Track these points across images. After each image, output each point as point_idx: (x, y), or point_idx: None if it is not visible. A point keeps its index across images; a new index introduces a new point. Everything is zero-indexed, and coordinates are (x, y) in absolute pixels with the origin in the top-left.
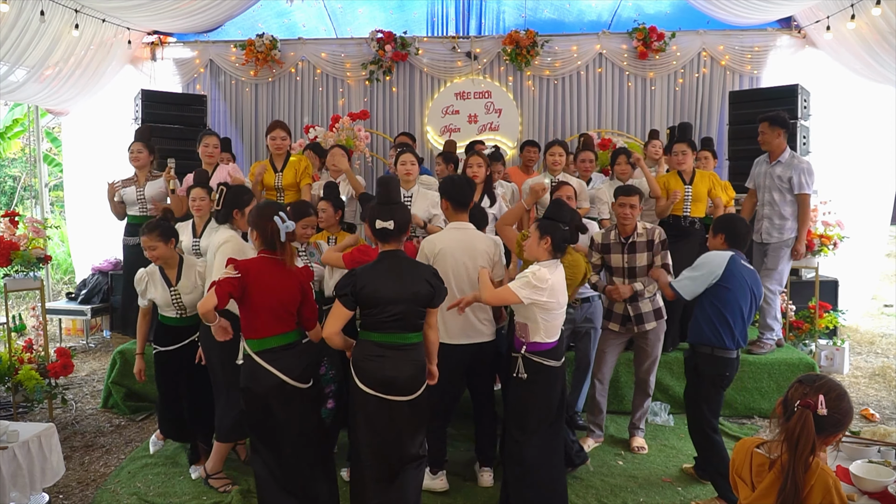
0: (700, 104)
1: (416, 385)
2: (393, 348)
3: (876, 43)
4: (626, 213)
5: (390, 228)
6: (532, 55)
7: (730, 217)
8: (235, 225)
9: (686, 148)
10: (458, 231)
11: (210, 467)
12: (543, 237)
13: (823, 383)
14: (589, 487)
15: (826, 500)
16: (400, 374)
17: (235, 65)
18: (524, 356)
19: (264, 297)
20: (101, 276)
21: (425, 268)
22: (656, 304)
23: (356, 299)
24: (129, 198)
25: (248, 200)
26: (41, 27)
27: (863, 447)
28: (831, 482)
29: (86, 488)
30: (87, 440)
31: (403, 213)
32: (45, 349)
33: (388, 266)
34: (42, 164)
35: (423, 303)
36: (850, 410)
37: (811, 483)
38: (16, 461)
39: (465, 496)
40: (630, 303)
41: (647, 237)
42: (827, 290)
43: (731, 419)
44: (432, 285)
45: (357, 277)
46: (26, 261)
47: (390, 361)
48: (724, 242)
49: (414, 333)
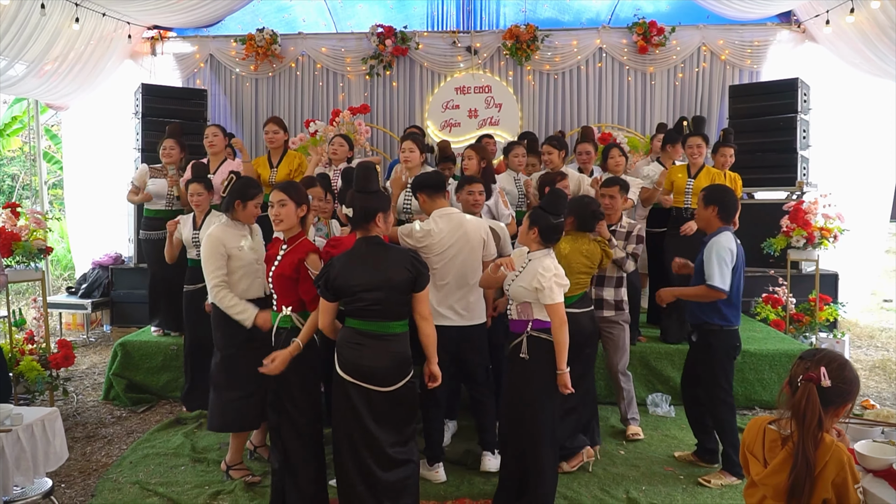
0: (700, 98)
1: (395, 377)
2: (372, 337)
3: (875, 37)
4: (607, 204)
5: (349, 216)
6: (532, 50)
7: (723, 188)
8: (235, 216)
9: (700, 141)
10: (445, 218)
11: (229, 459)
12: (532, 227)
13: (823, 356)
14: (591, 476)
15: (840, 476)
16: (376, 364)
17: (236, 59)
18: (529, 335)
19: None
20: (102, 270)
21: (403, 253)
22: (619, 295)
23: (331, 291)
24: (160, 191)
25: (254, 195)
26: (41, 21)
27: (867, 428)
28: (845, 458)
29: (87, 477)
30: (89, 431)
31: (369, 201)
32: (47, 340)
33: (362, 253)
34: (41, 161)
35: (403, 289)
36: (854, 379)
37: (825, 459)
38: (19, 444)
39: (468, 485)
40: (595, 286)
41: (628, 229)
42: (827, 284)
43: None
44: (410, 270)
45: (330, 267)
46: (27, 252)
47: (368, 350)
48: (716, 215)
49: (396, 322)
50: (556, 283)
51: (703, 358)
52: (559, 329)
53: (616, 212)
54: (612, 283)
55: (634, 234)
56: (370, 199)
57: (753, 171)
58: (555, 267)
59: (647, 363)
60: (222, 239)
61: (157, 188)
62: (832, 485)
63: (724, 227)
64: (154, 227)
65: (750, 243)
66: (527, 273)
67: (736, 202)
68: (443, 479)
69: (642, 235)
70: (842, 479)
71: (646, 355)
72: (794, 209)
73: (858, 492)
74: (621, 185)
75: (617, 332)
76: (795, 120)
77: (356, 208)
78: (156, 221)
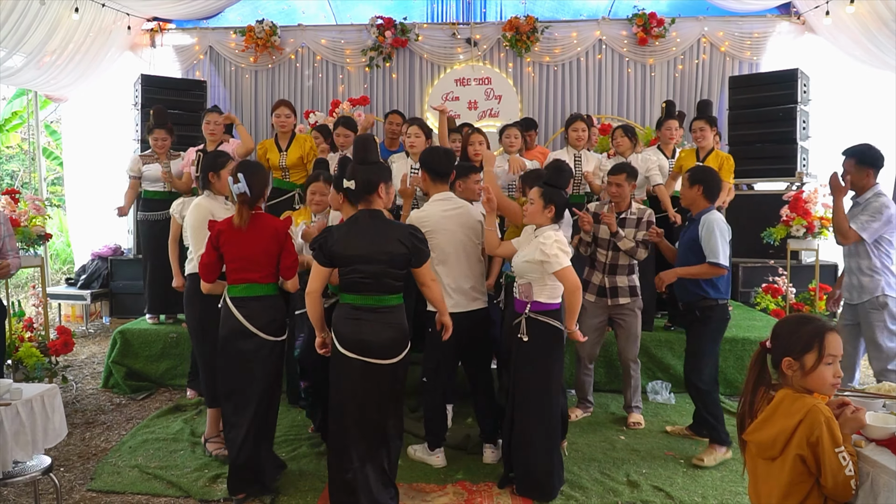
0: (700, 90)
1: (395, 350)
2: (370, 311)
3: (876, 28)
4: (613, 191)
5: (352, 188)
6: (532, 41)
7: (707, 168)
8: (214, 189)
9: (704, 125)
10: (445, 202)
11: (207, 432)
12: (548, 206)
13: (777, 323)
14: (591, 461)
15: (815, 435)
16: (376, 338)
17: (235, 51)
18: (528, 316)
19: (233, 250)
20: (101, 261)
21: (402, 227)
22: (632, 281)
23: (327, 255)
24: (153, 174)
25: (223, 163)
26: (40, 11)
27: (869, 400)
28: (822, 419)
29: (87, 462)
30: (88, 418)
31: (370, 172)
32: (46, 327)
33: (362, 224)
34: (41, 157)
35: (399, 264)
36: (788, 327)
37: (800, 417)
38: (18, 418)
39: (465, 470)
40: (608, 275)
41: (638, 215)
42: (827, 274)
43: (733, 398)
44: (408, 245)
45: (329, 233)
46: (27, 237)
47: (367, 325)
48: (701, 194)
49: (391, 295)
50: (560, 249)
51: (697, 331)
52: (573, 294)
53: (624, 199)
54: (624, 272)
55: (645, 220)
56: (371, 170)
57: (753, 162)
58: (555, 234)
59: (648, 351)
60: (211, 209)
61: (152, 172)
62: (807, 444)
63: (710, 206)
64: (152, 209)
65: (750, 233)
66: (531, 247)
67: (720, 182)
68: (443, 464)
69: (653, 221)
70: (816, 438)
71: (646, 343)
72: (794, 198)
73: (840, 456)
74: (628, 172)
75: (630, 319)
76: (795, 111)
77: (357, 180)
78: (154, 203)
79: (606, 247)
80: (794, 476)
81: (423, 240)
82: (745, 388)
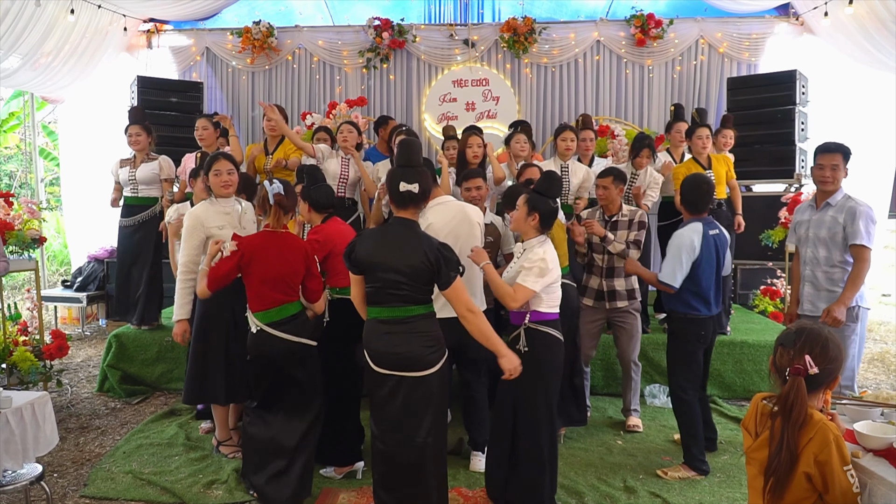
0: (698, 91)
1: (427, 361)
2: (397, 322)
3: (875, 29)
4: (600, 194)
5: (415, 192)
6: (530, 42)
7: (687, 181)
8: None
9: (708, 132)
10: (443, 206)
11: (219, 435)
12: (531, 213)
13: (804, 342)
14: (588, 466)
15: (824, 454)
16: (408, 349)
17: (232, 52)
18: (527, 327)
19: (265, 271)
20: (97, 263)
21: (431, 242)
22: (630, 284)
23: (353, 262)
24: (123, 178)
25: (209, 164)
26: (36, 12)
27: (866, 409)
28: (832, 437)
29: (80, 467)
30: (83, 422)
31: (427, 178)
32: (41, 331)
33: (392, 232)
34: (38, 158)
35: (422, 278)
36: (838, 356)
37: (810, 436)
38: (8, 427)
39: (463, 475)
40: (605, 279)
41: (630, 217)
42: None
43: (731, 401)
44: (430, 260)
45: (358, 239)
46: (21, 241)
47: (398, 337)
48: (684, 207)
49: (418, 306)
50: (538, 270)
51: (669, 346)
52: (505, 298)
53: (612, 202)
54: (621, 274)
55: (636, 221)
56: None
57: (751, 164)
58: (542, 251)
59: (646, 354)
60: (202, 218)
61: (121, 176)
62: (815, 462)
63: (694, 218)
64: (123, 213)
65: (748, 235)
66: (521, 261)
67: (705, 195)
68: None
69: (644, 221)
70: (825, 457)
71: (644, 346)
72: (793, 200)
73: (849, 474)
74: (615, 175)
75: (630, 321)
76: (794, 112)
77: (420, 185)
78: (124, 208)
79: (602, 251)
80: (799, 493)
81: (452, 259)
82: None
